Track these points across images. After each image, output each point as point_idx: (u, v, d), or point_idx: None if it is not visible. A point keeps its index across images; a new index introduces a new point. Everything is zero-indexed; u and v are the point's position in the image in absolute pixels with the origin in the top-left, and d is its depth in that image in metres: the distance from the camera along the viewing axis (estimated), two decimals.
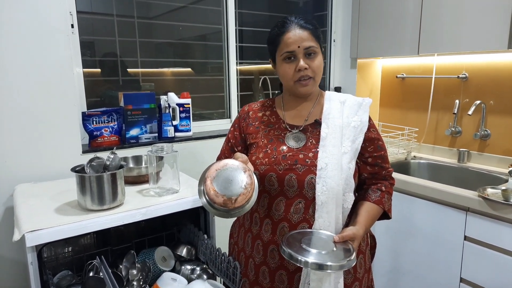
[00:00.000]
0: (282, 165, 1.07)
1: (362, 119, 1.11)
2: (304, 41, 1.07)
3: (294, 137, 1.11)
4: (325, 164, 1.03)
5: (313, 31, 1.09)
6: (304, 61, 1.07)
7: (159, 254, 1.43)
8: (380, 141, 1.16)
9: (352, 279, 1.11)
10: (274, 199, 1.09)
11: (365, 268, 1.16)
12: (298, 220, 1.05)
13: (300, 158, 1.07)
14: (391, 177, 1.19)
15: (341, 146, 1.07)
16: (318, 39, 1.10)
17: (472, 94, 2.12)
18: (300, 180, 1.04)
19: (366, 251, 1.17)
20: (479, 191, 1.60)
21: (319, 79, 1.13)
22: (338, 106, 1.13)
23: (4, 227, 1.53)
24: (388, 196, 1.15)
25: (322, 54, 1.12)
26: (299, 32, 1.07)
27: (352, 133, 1.10)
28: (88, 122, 1.70)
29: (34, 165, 1.56)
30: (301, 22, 1.09)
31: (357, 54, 2.49)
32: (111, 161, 1.25)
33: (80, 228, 1.12)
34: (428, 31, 2.07)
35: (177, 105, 1.94)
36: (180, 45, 2.19)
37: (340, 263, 0.91)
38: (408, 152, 2.31)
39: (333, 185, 1.02)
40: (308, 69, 1.08)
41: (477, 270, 1.64)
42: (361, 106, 1.14)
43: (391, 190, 1.18)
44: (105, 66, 1.94)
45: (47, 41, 1.53)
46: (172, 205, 1.29)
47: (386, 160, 1.16)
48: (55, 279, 1.32)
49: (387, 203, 1.14)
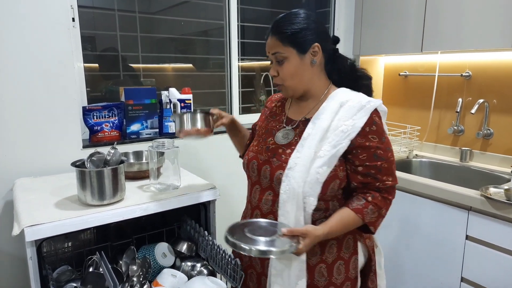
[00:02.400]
0: (263, 155, 1.12)
1: (356, 124, 1.02)
2: (271, 47, 1.08)
3: (284, 134, 1.13)
4: (294, 164, 1.03)
5: (281, 36, 1.05)
6: (275, 67, 1.09)
7: (159, 250, 1.43)
8: (380, 150, 1.03)
9: (326, 282, 1.07)
10: (253, 186, 1.14)
11: (347, 276, 1.09)
12: (267, 211, 1.09)
13: (279, 152, 1.09)
14: (388, 191, 1.06)
15: (317, 149, 1.03)
16: (290, 43, 1.05)
17: (475, 93, 2.10)
18: (271, 173, 1.07)
19: (351, 260, 1.10)
20: (481, 190, 1.59)
21: (293, 84, 1.09)
22: (334, 107, 1.06)
23: (3, 222, 1.53)
24: (373, 209, 1.03)
25: (301, 58, 1.06)
26: (270, 38, 1.08)
27: (337, 138, 1.03)
28: (89, 117, 1.69)
29: (34, 159, 1.55)
30: (273, 28, 1.08)
31: (359, 51, 2.48)
32: (111, 156, 1.25)
33: (80, 223, 1.12)
34: (432, 28, 2.05)
35: (178, 100, 1.92)
36: (181, 41, 2.17)
37: (281, 249, 0.92)
38: (410, 150, 2.30)
39: (294, 186, 1.01)
40: (277, 77, 1.10)
41: (479, 270, 1.63)
42: (362, 109, 1.04)
43: (382, 204, 1.04)
44: (106, 61, 1.92)
45: (48, 35, 1.52)
46: (172, 201, 1.29)
47: (384, 172, 1.04)
48: (55, 274, 1.32)
49: (369, 214, 1.02)
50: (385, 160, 1.04)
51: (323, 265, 1.07)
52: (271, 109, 1.25)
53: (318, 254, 1.07)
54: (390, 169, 1.06)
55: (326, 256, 1.07)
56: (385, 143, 1.05)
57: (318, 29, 1.08)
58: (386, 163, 1.04)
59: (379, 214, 1.05)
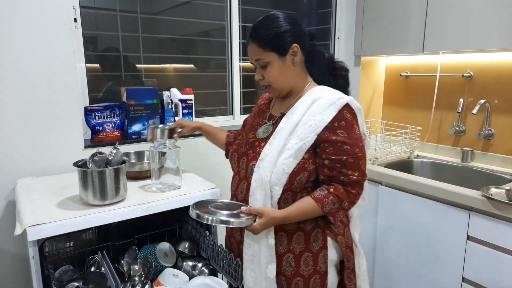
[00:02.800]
0: (243, 148, 1.22)
1: (324, 119, 1.07)
2: (253, 55, 1.14)
3: (264, 129, 1.21)
4: (265, 155, 1.10)
5: (261, 42, 1.11)
6: (259, 71, 1.16)
7: (160, 250, 1.43)
8: (347, 145, 1.06)
9: (294, 272, 1.13)
10: (234, 176, 1.24)
11: (315, 269, 1.13)
12: (242, 199, 1.17)
13: (255, 145, 1.18)
14: (352, 185, 1.08)
15: (286, 142, 1.10)
16: (270, 48, 1.11)
17: (477, 93, 2.10)
18: (247, 164, 1.16)
19: (320, 254, 1.14)
20: (482, 191, 1.59)
21: (279, 85, 1.16)
22: (307, 103, 1.12)
23: (5, 221, 1.53)
24: (334, 200, 1.06)
25: (282, 60, 1.13)
26: (250, 44, 1.14)
27: (305, 132, 1.08)
28: (91, 117, 1.70)
29: (36, 159, 1.56)
30: (252, 36, 1.13)
31: (361, 51, 2.47)
32: (113, 156, 1.25)
33: (82, 223, 1.12)
34: (434, 28, 2.05)
35: (179, 101, 1.93)
36: (183, 41, 2.18)
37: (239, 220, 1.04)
38: (411, 151, 2.30)
39: (263, 176, 1.08)
40: (263, 80, 1.17)
41: (480, 270, 1.63)
42: (332, 105, 1.08)
43: (344, 197, 1.07)
44: (108, 61, 1.93)
45: (50, 35, 1.52)
46: (174, 201, 1.29)
47: (349, 166, 1.07)
48: (57, 273, 1.32)
49: (329, 205, 1.06)
50: (351, 155, 1.07)
51: (291, 255, 1.13)
52: (259, 106, 1.35)
53: (285, 244, 1.13)
54: (356, 164, 1.08)
55: (293, 247, 1.13)
56: (354, 138, 1.08)
57: (295, 29, 1.13)
58: (352, 158, 1.07)
59: (339, 206, 1.08)
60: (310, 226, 1.13)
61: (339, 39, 2.66)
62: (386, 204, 1.98)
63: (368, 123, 2.56)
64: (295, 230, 1.12)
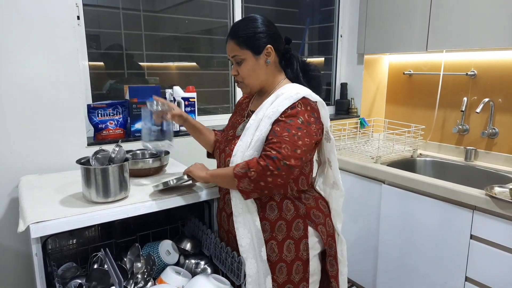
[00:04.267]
0: (222, 145, 1.31)
1: (278, 109, 1.15)
2: (230, 51, 1.23)
3: (243, 125, 1.28)
4: (236, 151, 1.19)
5: (238, 40, 1.19)
6: (235, 67, 1.24)
7: (163, 248, 1.43)
8: (279, 127, 1.11)
9: (277, 258, 1.21)
10: None
11: (297, 255, 1.23)
12: (225, 191, 1.27)
13: (231, 142, 1.25)
14: (264, 158, 1.08)
15: (253, 136, 1.17)
16: (246, 46, 1.19)
17: (481, 92, 2.09)
18: (224, 159, 1.25)
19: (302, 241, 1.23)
20: (486, 190, 1.58)
21: (251, 82, 1.24)
22: (271, 100, 1.21)
23: (9, 218, 1.54)
24: (244, 165, 1.10)
25: (256, 59, 1.20)
26: (229, 41, 1.23)
27: (264, 123, 1.16)
28: (94, 115, 1.70)
29: (39, 156, 1.56)
30: (230, 33, 1.22)
31: (364, 50, 2.47)
32: (116, 154, 1.25)
33: (84, 220, 1.12)
34: (437, 27, 2.04)
35: (182, 99, 1.93)
36: (185, 39, 2.17)
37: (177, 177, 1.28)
38: (414, 149, 2.29)
39: None
40: (237, 75, 1.25)
41: (483, 269, 1.62)
42: (289, 98, 1.16)
43: (252, 165, 1.08)
44: (111, 59, 1.93)
45: (53, 33, 1.52)
46: (176, 199, 1.29)
47: (272, 145, 1.09)
48: (60, 270, 1.32)
49: (238, 168, 1.11)
50: (278, 136, 1.10)
51: (274, 242, 1.21)
52: (240, 105, 1.43)
53: (268, 232, 1.21)
54: (279, 145, 1.08)
55: (276, 234, 1.21)
56: (289, 124, 1.12)
57: (270, 32, 1.22)
58: (288, 137, 1.09)
59: (246, 172, 1.09)
60: (291, 216, 1.22)
61: (342, 37, 2.66)
62: (388, 203, 1.98)
63: (371, 121, 2.56)
64: (277, 219, 1.21)
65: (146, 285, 1.28)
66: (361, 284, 2.23)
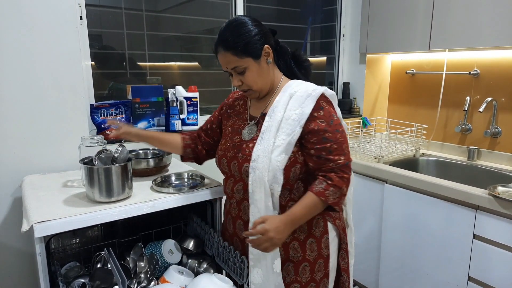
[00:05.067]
0: (231, 152, 1.23)
1: (304, 111, 1.12)
2: (228, 63, 1.15)
3: (248, 130, 1.23)
4: (257, 156, 1.13)
5: (235, 50, 1.12)
6: (237, 77, 1.17)
7: (166, 247, 1.44)
8: (328, 132, 1.11)
9: (301, 258, 1.19)
10: (228, 178, 1.26)
11: (319, 253, 1.21)
12: (240, 199, 1.22)
13: (243, 148, 1.20)
14: (341, 169, 1.11)
15: (274, 139, 1.13)
16: (245, 54, 1.13)
17: (483, 91, 2.08)
18: (239, 167, 1.19)
19: (323, 238, 1.21)
20: (489, 189, 1.58)
21: (259, 87, 1.19)
22: (285, 99, 1.17)
23: (12, 218, 1.55)
24: (335, 190, 1.09)
25: (258, 63, 1.15)
26: (223, 54, 1.14)
27: (290, 126, 1.12)
28: (96, 115, 1.70)
29: (42, 156, 1.57)
30: (222, 44, 1.13)
31: (366, 49, 2.46)
32: (119, 154, 1.25)
33: (88, 220, 1.13)
34: (440, 26, 2.04)
35: (184, 98, 1.93)
36: (187, 39, 2.17)
37: None
38: (416, 149, 2.28)
39: (260, 176, 1.11)
40: (242, 85, 1.18)
41: (486, 269, 1.62)
42: (309, 97, 1.14)
43: (341, 184, 1.10)
44: (113, 59, 1.93)
45: (56, 33, 1.53)
46: (179, 199, 1.29)
47: (334, 152, 1.10)
48: (63, 270, 1.33)
49: (331, 196, 1.09)
50: (334, 141, 1.11)
51: (296, 242, 1.19)
52: (233, 108, 1.34)
53: (291, 235, 1.16)
54: (340, 149, 1.12)
55: (297, 234, 1.19)
56: (333, 125, 1.13)
57: (262, 31, 1.16)
58: (336, 144, 1.11)
59: (340, 194, 1.12)
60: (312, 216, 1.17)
61: (344, 36, 2.65)
62: (391, 202, 1.97)
63: (374, 121, 2.56)
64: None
65: (149, 284, 1.28)
66: (364, 283, 2.23)
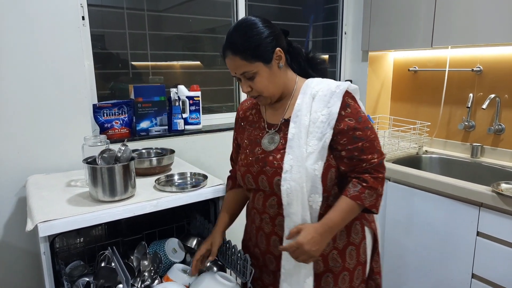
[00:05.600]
0: (255, 167, 1.13)
1: (332, 111, 1.04)
2: (237, 68, 1.07)
3: (269, 139, 1.14)
4: (290, 167, 1.04)
5: (245, 54, 1.04)
6: (246, 83, 1.09)
7: (169, 246, 1.44)
8: (358, 130, 1.04)
9: (341, 267, 1.13)
10: (256, 193, 1.17)
11: (358, 260, 1.16)
12: (274, 214, 1.13)
13: (269, 160, 1.10)
14: (375, 169, 1.05)
15: (306, 146, 1.04)
16: (255, 58, 1.04)
17: (487, 88, 2.07)
18: (269, 181, 1.10)
19: (361, 244, 1.16)
20: (493, 186, 1.57)
21: (270, 93, 1.10)
22: (308, 101, 1.08)
23: (16, 218, 1.56)
24: (370, 192, 1.04)
25: (269, 67, 1.06)
26: (231, 58, 1.06)
27: (320, 130, 1.05)
28: (99, 114, 1.71)
29: (46, 156, 1.57)
30: (231, 48, 1.05)
31: (368, 46, 2.45)
32: (122, 153, 1.26)
33: (92, 219, 1.13)
34: (443, 22, 2.03)
35: (187, 98, 1.94)
36: (189, 38, 2.18)
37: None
38: (419, 146, 2.28)
39: (297, 188, 1.03)
40: (252, 91, 1.10)
41: (490, 266, 1.61)
42: (333, 96, 1.06)
43: (376, 184, 1.05)
44: (115, 59, 1.94)
45: (58, 33, 1.53)
46: (182, 198, 1.30)
47: (367, 151, 1.04)
48: (67, 269, 1.34)
49: (367, 199, 1.04)
50: (365, 139, 1.05)
51: (335, 252, 1.12)
52: (246, 119, 1.26)
53: (331, 244, 1.11)
54: (373, 147, 1.06)
55: (337, 243, 1.12)
56: (362, 122, 1.06)
57: (274, 32, 1.07)
58: (367, 142, 1.05)
59: (377, 195, 1.07)
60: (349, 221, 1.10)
61: (346, 34, 2.64)
62: (394, 200, 1.97)
63: (376, 118, 2.55)
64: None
65: (153, 283, 1.29)
66: None
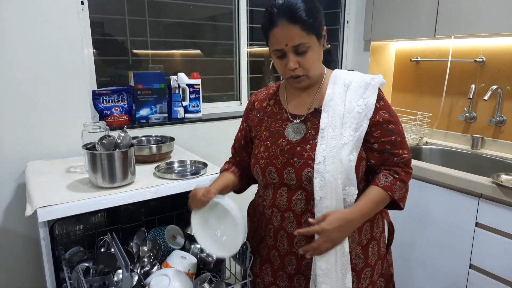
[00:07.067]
0: (280, 159, 1.04)
1: (368, 102, 1.00)
2: (293, 38, 0.95)
3: (294, 129, 1.06)
4: (323, 158, 0.97)
5: (305, 24, 0.94)
6: (295, 59, 0.98)
7: (169, 233, 1.45)
8: (392, 124, 1.02)
9: (363, 264, 1.07)
10: (277, 189, 1.07)
11: (379, 255, 1.11)
12: (301, 210, 1.04)
13: (297, 151, 1.03)
14: (407, 164, 1.06)
15: (341, 136, 0.99)
16: (313, 31, 0.96)
17: (489, 79, 2.06)
18: (297, 174, 1.01)
19: (381, 238, 1.12)
20: (493, 177, 1.57)
21: (315, 73, 1.03)
22: (341, 91, 1.03)
23: (16, 203, 1.56)
24: (401, 185, 1.03)
25: (319, 44, 0.99)
26: (287, 27, 0.94)
27: (355, 120, 1.00)
28: (99, 101, 1.70)
29: (45, 142, 1.57)
30: (290, 15, 0.93)
31: (370, 36, 2.43)
32: (121, 140, 1.25)
33: (91, 205, 1.13)
34: (446, 12, 2.00)
35: (187, 85, 1.92)
36: (189, 26, 2.15)
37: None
38: (420, 137, 2.27)
39: (331, 180, 0.96)
40: (298, 68, 1.00)
41: (487, 257, 1.62)
42: (369, 87, 1.02)
43: (406, 179, 1.05)
44: (114, 46, 1.92)
45: (57, 18, 1.51)
46: (182, 185, 1.29)
47: (399, 145, 1.03)
48: (67, 254, 1.34)
49: (398, 191, 1.03)
50: (398, 134, 1.04)
51: (359, 247, 1.06)
52: (264, 110, 1.15)
53: (357, 240, 1.06)
54: (404, 142, 1.05)
55: (361, 239, 1.07)
56: (395, 116, 1.05)
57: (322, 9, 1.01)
58: (399, 136, 1.04)
59: (405, 190, 1.06)
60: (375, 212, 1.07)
61: (348, 23, 2.62)
62: None
63: None
64: (364, 222, 1.05)
65: (152, 268, 1.30)
66: None
